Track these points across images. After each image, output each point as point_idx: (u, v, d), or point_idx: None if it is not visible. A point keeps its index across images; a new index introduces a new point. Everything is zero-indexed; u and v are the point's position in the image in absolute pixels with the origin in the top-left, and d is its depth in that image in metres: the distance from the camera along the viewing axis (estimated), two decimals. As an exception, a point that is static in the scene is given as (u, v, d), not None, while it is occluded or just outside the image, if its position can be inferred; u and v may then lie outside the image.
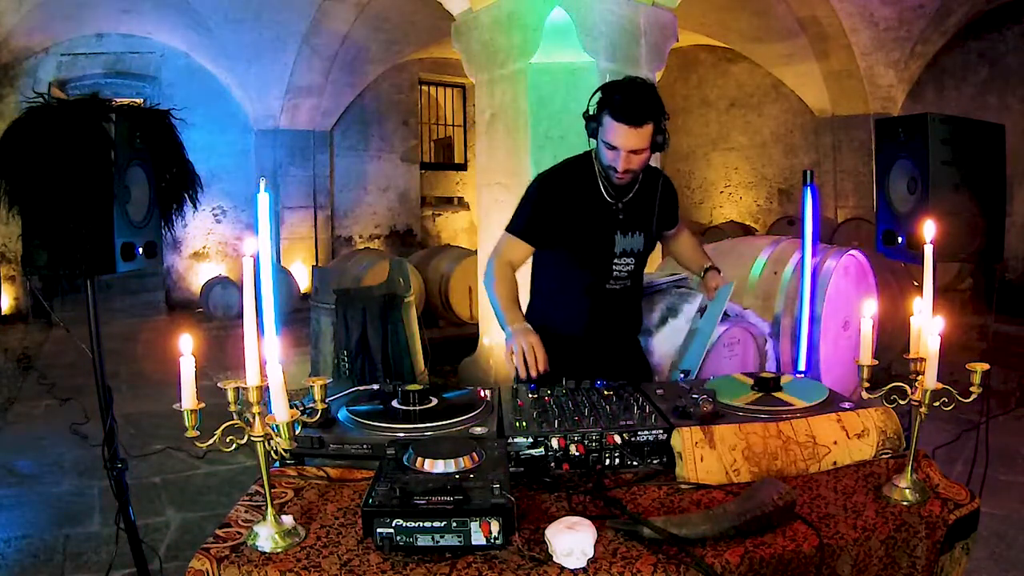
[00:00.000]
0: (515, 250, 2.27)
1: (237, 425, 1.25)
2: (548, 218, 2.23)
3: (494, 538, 1.17)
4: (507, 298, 2.20)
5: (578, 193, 2.23)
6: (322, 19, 8.84)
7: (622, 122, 2.03)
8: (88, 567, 2.91)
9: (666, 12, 4.78)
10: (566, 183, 2.25)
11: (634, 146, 2.06)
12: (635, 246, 2.32)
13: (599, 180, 2.22)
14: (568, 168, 2.30)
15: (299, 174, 10.35)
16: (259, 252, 1.24)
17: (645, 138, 2.07)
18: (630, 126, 2.03)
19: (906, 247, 2.68)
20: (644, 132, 2.05)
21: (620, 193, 2.24)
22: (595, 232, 2.25)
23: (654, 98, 2.08)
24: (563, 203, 2.22)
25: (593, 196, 2.23)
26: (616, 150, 2.07)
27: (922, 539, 1.33)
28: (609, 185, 2.21)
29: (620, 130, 2.04)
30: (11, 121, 2.15)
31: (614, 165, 2.11)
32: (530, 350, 2.01)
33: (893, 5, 8.15)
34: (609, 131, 2.07)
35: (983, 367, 1.40)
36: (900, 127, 2.70)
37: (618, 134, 2.05)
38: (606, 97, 2.09)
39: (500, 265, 2.26)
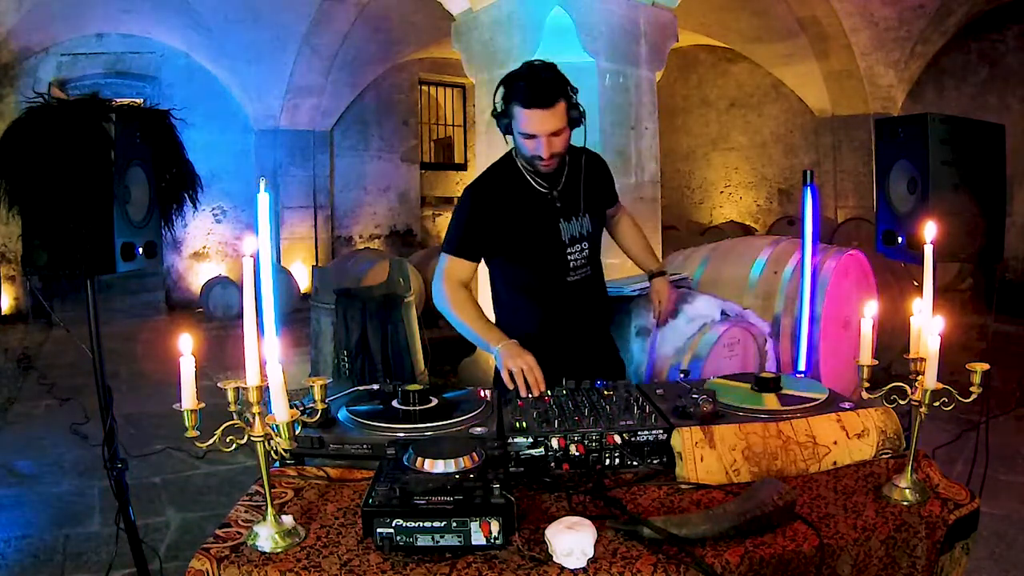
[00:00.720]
0: (458, 270, 2.17)
1: (237, 425, 1.25)
2: (485, 228, 2.16)
3: (494, 538, 1.17)
4: (476, 318, 2.11)
5: (510, 194, 2.17)
6: (322, 19, 8.85)
7: (533, 107, 1.99)
8: (88, 567, 2.91)
9: (666, 12, 4.78)
10: (495, 187, 2.20)
11: (552, 128, 2.02)
12: (583, 229, 2.26)
13: (527, 175, 2.18)
14: (493, 172, 2.24)
15: (299, 174, 10.36)
16: (259, 252, 1.24)
17: (560, 117, 2.03)
18: (542, 108, 1.99)
19: (906, 247, 2.68)
20: (558, 111, 2.01)
21: (552, 181, 2.19)
22: (538, 227, 2.19)
23: (557, 74, 2.05)
24: (497, 208, 2.16)
25: (526, 192, 2.18)
26: (535, 137, 2.03)
27: (922, 539, 1.33)
28: (538, 176, 2.17)
29: (534, 116, 2.00)
30: (11, 121, 2.15)
31: (538, 154, 2.05)
32: (529, 372, 1.89)
33: (893, 5, 8.15)
34: (523, 120, 2.02)
35: (983, 367, 1.40)
36: (900, 127, 2.70)
37: (532, 120, 2.00)
38: (509, 88, 2.05)
39: (451, 287, 2.15)
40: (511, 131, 2.09)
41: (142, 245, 2.28)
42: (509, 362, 1.93)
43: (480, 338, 2.09)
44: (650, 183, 4.67)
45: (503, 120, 2.09)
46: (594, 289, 2.37)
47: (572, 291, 2.28)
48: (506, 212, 2.16)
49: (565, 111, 2.04)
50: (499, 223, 2.16)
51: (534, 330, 2.22)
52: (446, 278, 2.17)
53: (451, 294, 2.14)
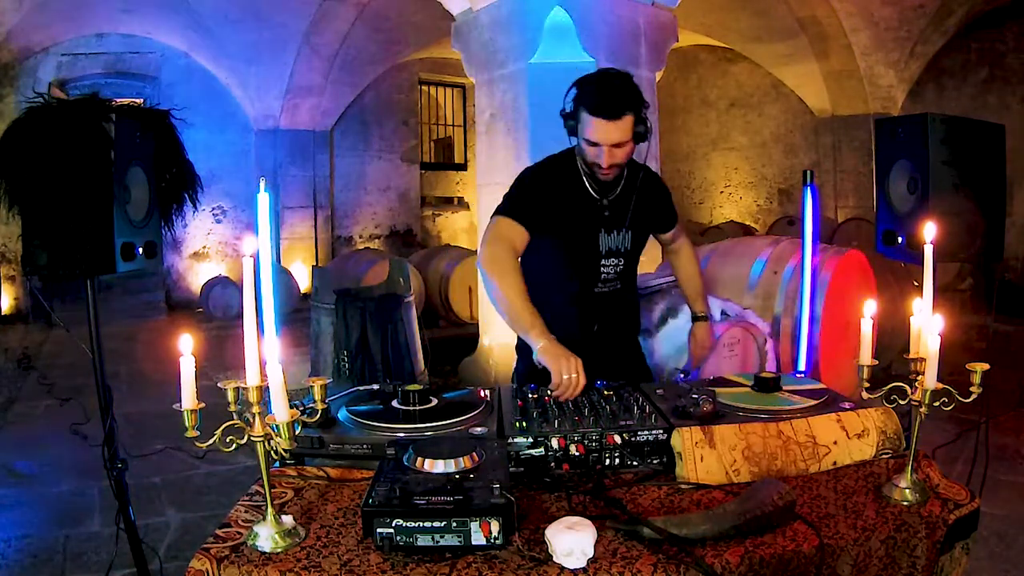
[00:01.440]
0: (510, 232, 2.05)
1: (237, 425, 1.25)
2: (540, 206, 2.10)
3: (494, 538, 1.17)
4: (519, 295, 1.95)
5: (564, 188, 2.15)
6: (322, 19, 8.85)
7: (601, 116, 1.97)
8: (88, 567, 2.91)
9: (666, 12, 4.78)
10: (553, 177, 2.17)
11: (616, 140, 2.00)
12: (622, 245, 2.23)
13: (583, 177, 2.16)
14: (554, 164, 2.21)
15: (299, 174, 10.36)
16: (259, 252, 1.24)
17: (626, 130, 2.00)
18: (609, 120, 1.97)
19: (906, 247, 2.68)
20: (624, 124, 1.99)
21: (605, 190, 2.17)
22: (579, 230, 2.17)
23: (630, 87, 2.02)
24: (551, 195, 2.12)
25: (578, 192, 2.16)
26: (598, 146, 2.01)
27: (922, 539, 1.33)
28: (594, 182, 2.15)
29: (600, 125, 1.98)
30: (11, 121, 2.15)
31: (598, 161, 2.04)
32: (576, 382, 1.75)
33: (893, 5, 8.15)
34: (588, 127, 2.00)
35: (983, 367, 1.40)
36: (900, 127, 2.70)
37: (598, 129, 1.98)
38: (581, 92, 2.02)
39: (504, 250, 2.00)
40: (576, 133, 2.06)
41: (142, 245, 2.28)
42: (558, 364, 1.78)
43: (522, 319, 1.91)
44: (650, 183, 4.67)
45: (569, 121, 2.07)
46: (621, 304, 2.33)
47: (598, 302, 2.25)
48: (556, 202, 2.13)
49: (632, 124, 2.01)
50: (549, 208, 2.11)
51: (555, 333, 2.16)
52: (496, 238, 2.04)
53: (501, 256, 1.99)
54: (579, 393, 1.76)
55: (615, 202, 2.20)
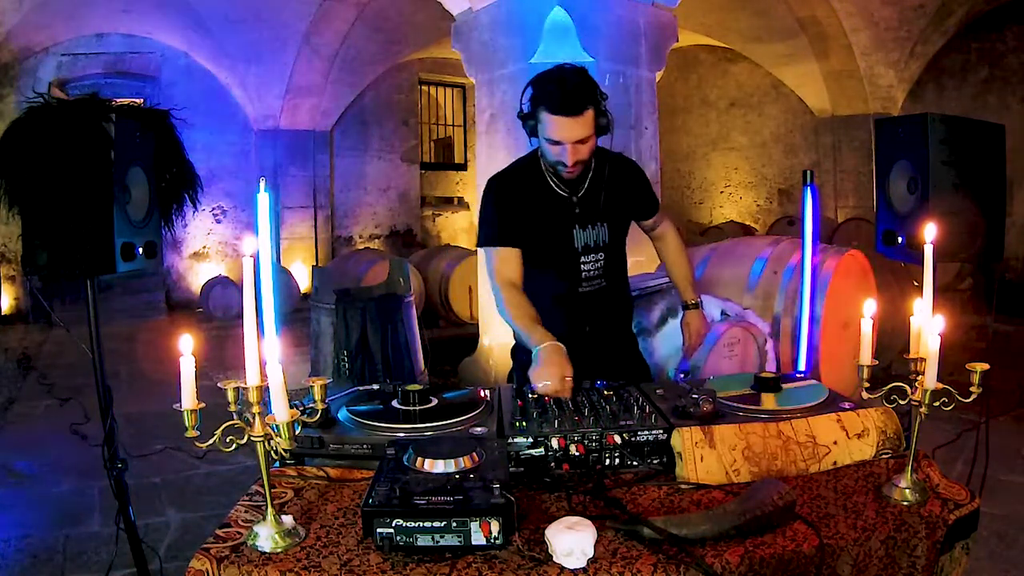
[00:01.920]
0: (504, 261, 2.10)
1: (237, 425, 1.25)
2: (514, 220, 2.11)
3: (494, 538, 1.17)
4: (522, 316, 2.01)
5: (530, 193, 2.13)
6: (322, 19, 8.85)
7: (561, 114, 1.93)
8: (88, 567, 2.91)
9: (666, 12, 4.78)
10: (516, 184, 2.15)
11: (579, 136, 1.96)
12: (599, 239, 2.19)
13: (548, 177, 2.13)
14: (516, 170, 2.19)
15: (299, 174, 10.36)
16: (259, 252, 1.24)
17: (588, 125, 1.96)
18: (570, 116, 1.92)
19: (906, 247, 2.68)
20: (586, 119, 1.95)
21: (573, 186, 2.14)
22: (553, 230, 2.14)
23: (588, 81, 1.97)
24: (517, 204, 2.12)
25: (545, 194, 2.13)
26: (561, 144, 1.97)
27: (922, 539, 1.33)
28: (560, 180, 2.12)
29: (561, 123, 1.94)
30: (11, 121, 2.15)
31: (562, 160, 2.00)
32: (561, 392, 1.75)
33: (893, 5, 8.16)
34: (549, 126, 1.96)
35: (983, 367, 1.40)
36: (900, 127, 2.70)
37: (559, 127, 1.94)
38: (539, 92, 1.97)
39: (504, 287, 2.08)
40: (536, 133, 2.03)
41: (142, 245, 2.28)
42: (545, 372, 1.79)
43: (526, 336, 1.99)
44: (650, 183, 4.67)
45: (529, 122, 2.03)
46: (610, 300, 2.29)
47: (584, 302, 2.21)
48: (524, 210, 2.12)
49: (593, 118, 1.99)
50: (518, 218, 2.12)
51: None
52: (496, 277, 2.10)
53: (505, 295, 2.07)
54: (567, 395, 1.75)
55: (585, 197, 2.16)
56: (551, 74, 1.98)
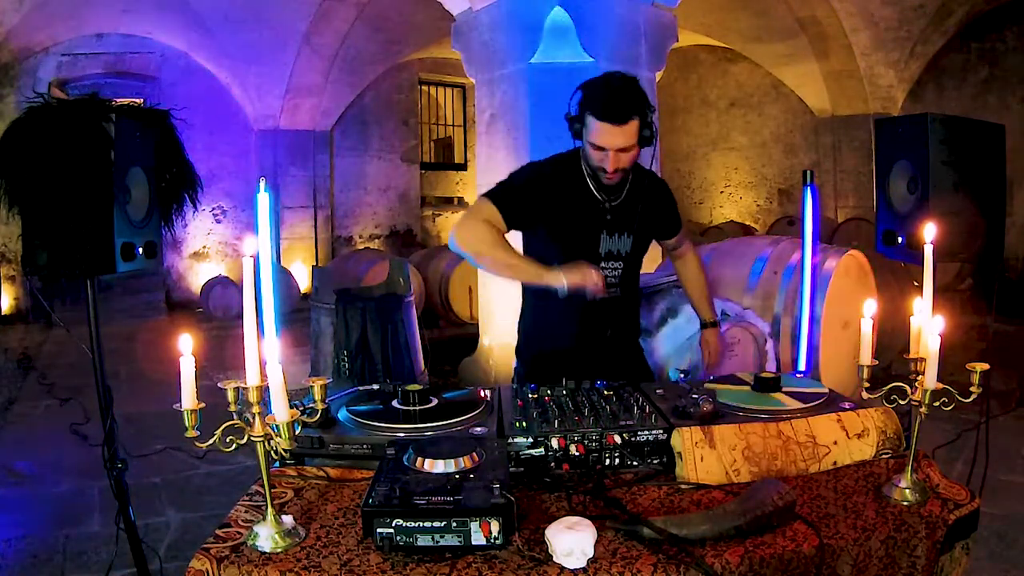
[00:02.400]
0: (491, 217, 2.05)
1: (237, 425, 1.25)
2: (533, 201, 2.09)
3: (494, 538, 1.17)
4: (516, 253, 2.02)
5: (566, 187, 2.13)
6: (322, 19, 8.85)
7: (607, 121, 1.96)
8: (88, 567, 2.91)
9: (666, 12, 4.78)
10: (556, 175, 2.15)
11: (622, 144, 1.98)
12: (622, 248, 2.21)
13: (587, 179, 2.14)
14: (558, 162, 2.20)
15: (299, 174, 10.36)
16: (259, 252, 1.24)
17: (632, 135, 1.99)
18: (615, 124, 1.96)
19: (906, 247, 2.68)
20: (630, 129, 1.98)
21: (610, 193, 2.15)
22: (580, 229, 2.15)
23: (637, 92, 2.00)
24: (551, 193, 2.11)
25: (581, 193, 2.14)
26: (604, 150, 2.00)
27: (922, 539, 1.33)
28: (599, 184, 2.13)
29: (605, 129, 1.97)
30: (11, 121, 2.15)
31: (603, 166, 2.03)
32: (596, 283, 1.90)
33: (893, 5, 8.16)
34: (594, 131, 1.99)
35: (983, 367, 1.40)
36: (900, 127, 2.70)
37: (604, 134, 1.97)
38: (587, 96, 2.01)
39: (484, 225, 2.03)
40: (580, 136, 2.05)
41: (142, 245, 2.28)
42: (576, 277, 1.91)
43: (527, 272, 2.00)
44: (650, 183, 4.67)
45: (575, 125, 2.06)
46: (622, 309, 2.30)
47: (597, 307, 2.18)
48: (556, 199, 2.11)
49: (637, 129, 2.00)
50: (547, 208, 2.10)
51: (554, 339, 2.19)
52: (473, 216, 2.06)
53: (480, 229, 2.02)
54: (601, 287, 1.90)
55: (619, 206, 2.18)
56: (602, 80, 2.02)
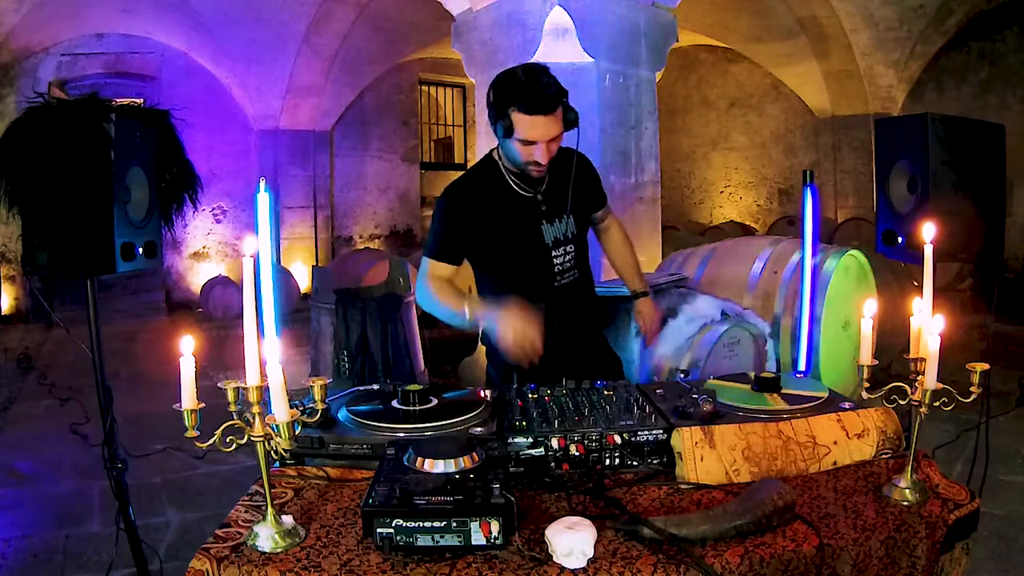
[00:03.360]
0: (439, 271, 2.13)
1: (237, 425, 1.25)
2: (463, 231, 2.11)
3: (494, 538, 1.17)
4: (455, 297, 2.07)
5: (489, 196, 2.12)
6: (322, 19, 8.85)
7: (536, 113, 1.93)
8: (88, 567, 2.91)
9: (666, 12, 4.77)
10: (473, 190, 2.14)
11: (554, 133, 1.98)
12: (567, 231, 2.20)
13: (509, 179, 2.13)
14: (472, 176, 2.19)
15: (299, 174, 10.36)
16: (259, 252, 1.24)
17: (559, 122, 1.98)
18: (546, 115, 1.94)
19: (906, 247, 2.68)
20: (558, 116, 1.97)
21: (534, 184, 2.14)
22: (520, 230, 2.14)
23: (553, 78, 1.99)
24: (475, 211, 2.10)
25: (506, 195, 2.13)
26: (535, 144, 1.97)
27: (922, 539, 1.33)
28: (521, 180, 2.12)
29: (536, 122, 1.94)
30: (11, 121, 2.15)
31: (535, 159, 2.00)
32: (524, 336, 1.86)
33: (893, 5, 8.15)
34: (523, 127, 1.95)
35: (983, 367, 1.40)
36: (900, 127, 2.70)
37: (535, 127, 1.94)
38: (510, 94, 1.96)
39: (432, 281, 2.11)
40: (509, 135, 2.00)
41: (142, 245, 2.28)
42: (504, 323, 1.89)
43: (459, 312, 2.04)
44: (650, 183, 4.67)
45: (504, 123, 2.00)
46: (583, 293, 2.31)
47: (560, 296, 2.20)
48: (485, 215, 2.11)
49: (563, 115, 2.00)
50: (478, 227, 2.11)
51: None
52: (428, 276, 2.12)
53: (432, 284, 2.10)
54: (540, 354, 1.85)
55: (547, 192, 2.17)
56: (518, 75, 1.98)
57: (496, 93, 2.00)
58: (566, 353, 2.15)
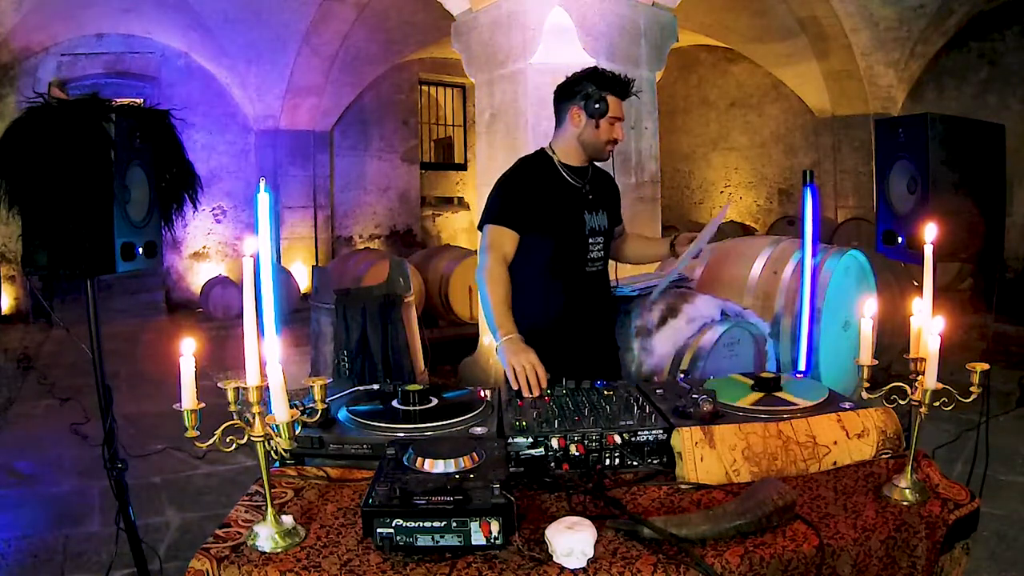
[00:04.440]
0: (500, 240, 2.30)
1: (237, 425, 1.25)
2: (523, 203, 2.32)
3: (494, 538, 1.17)
4: (502, 301, 2.21)
5: (545, 184, 2.37)
6: (322, 19, 8.84)
7: (625, 97, 2.36)
8: (88, 567, 2.91)
9: (666, 12, 4.77)
10: (529, 173, 2.40)
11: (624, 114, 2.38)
12: (602, 224, 2.45)
13: (560, 169, 2.40)
14: (529, 165, 2.44)
15: (299, 174, 10.35)
16: (259, 252, 1.24)
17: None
18: (624, 99, 2.37)
19: (906, 247, 2.68)
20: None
21: (580, 177, 2.42)
22: (568, 215, 2.37)
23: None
24: (532, 192, 2.34)
25: (559, 184, 2.39)
26: (620, 121, 2.35)
27: (922, 539, 1.33)
28: (570, 172, 2.40)
29: (621, 104, 2.36)
30: (11, 121, 2.15)
31: (615, 136, 2.35)
32: (531, 371, 1.94)
33: (893, 5, 8.15)
34: (615, 107, 2.33)
35: (983, 367, 1.40)
36: (900, 127, 2.70)
37: (621, 107, 2.35)
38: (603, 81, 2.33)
39: (495, 261, 2.26)
40: (603, 115, 2.31)
41: (142, 245, 2.28)
42: (512, 359, 1.99)
43: (494, 321, 2.18)
44: (650, 183, 4.67)
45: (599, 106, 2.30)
46: (607, 284, 2.56)
47: (590, 281, 2.45)
48: (539, 194, 2.34)
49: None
50: (533, 202, 2.32)
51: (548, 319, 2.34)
52: (490, 249, 2.29)
53: (492, 267, 2.25)
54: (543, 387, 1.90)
55: (590, 186, 2.45)
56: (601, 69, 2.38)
57: (592, 82, 2.34)
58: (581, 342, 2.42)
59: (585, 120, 2.34)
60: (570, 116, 2.37)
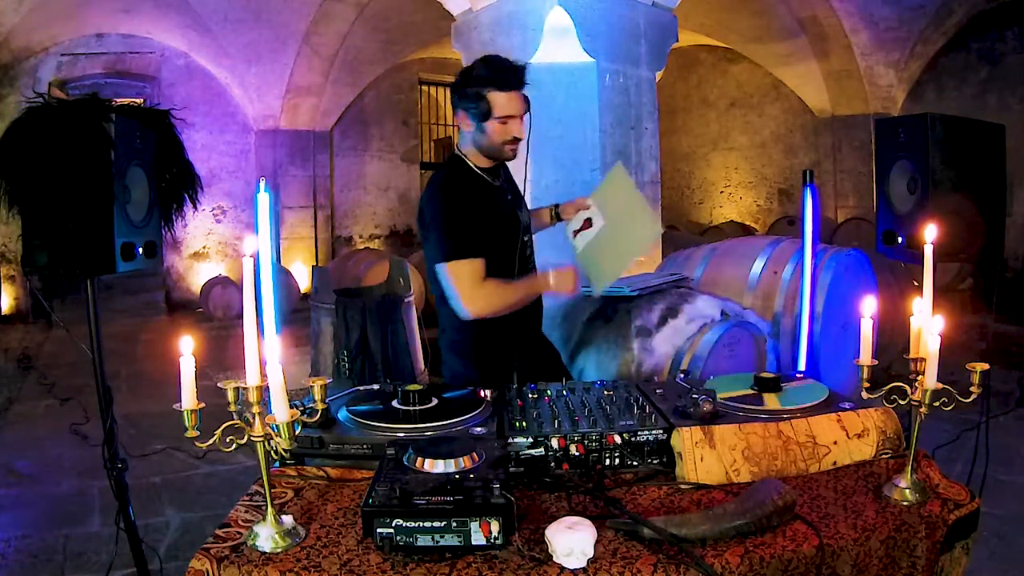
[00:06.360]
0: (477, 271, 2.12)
1: (237, 425, 1.25)
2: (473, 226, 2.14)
3: (494, 538, 1.17)
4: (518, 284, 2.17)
5: (475, 194, 2.20)
6: (322, 19, 8.84)
7: (511, 89, 2.10)
8: (88, 567, 2.91)
9: (666, 12, 4.77)
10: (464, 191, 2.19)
11: (525, 107, 2.15)
12: (526, 219, 2.36)
13: (478, 171, 2.23)
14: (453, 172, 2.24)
15: (299, 174, 10.35)
16: (259, 252, 1.24)
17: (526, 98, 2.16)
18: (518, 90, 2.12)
19: (906, 247, 2.68)
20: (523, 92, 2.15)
21: (495, 176, 2.27)
22: (503, 216, 2.24)
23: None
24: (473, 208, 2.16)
25: (485, 189, 2.23)
26: (513, 119, 2.12)
27: (922, 539, 1.33)
28: (487, 173, 2.24)
29: (512, 97, 2.10)
30: (11, 121, 2.15)
31: (513, 135, 2.14)
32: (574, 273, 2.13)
33: (893, 5, 8.15)
34: (500, 104, 2.10)
35: (983, 367, 1.40)
36: (900, 127, 2.70)
37: (511, 101, 2.11)
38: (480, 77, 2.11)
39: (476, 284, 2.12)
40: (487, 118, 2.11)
41: (142, 245, 2.28)
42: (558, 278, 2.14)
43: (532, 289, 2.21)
44: (650, 183, 4.67)
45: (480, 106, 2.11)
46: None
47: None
48: (478, 208, 2.18)
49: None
50: (477, 219, 2.16)
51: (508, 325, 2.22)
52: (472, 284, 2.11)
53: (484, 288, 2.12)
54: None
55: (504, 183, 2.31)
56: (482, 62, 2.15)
57: (467, 81, 2.13)
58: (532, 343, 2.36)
59: (474, 124, 2.15)
60: (459, 121, 2.19)
